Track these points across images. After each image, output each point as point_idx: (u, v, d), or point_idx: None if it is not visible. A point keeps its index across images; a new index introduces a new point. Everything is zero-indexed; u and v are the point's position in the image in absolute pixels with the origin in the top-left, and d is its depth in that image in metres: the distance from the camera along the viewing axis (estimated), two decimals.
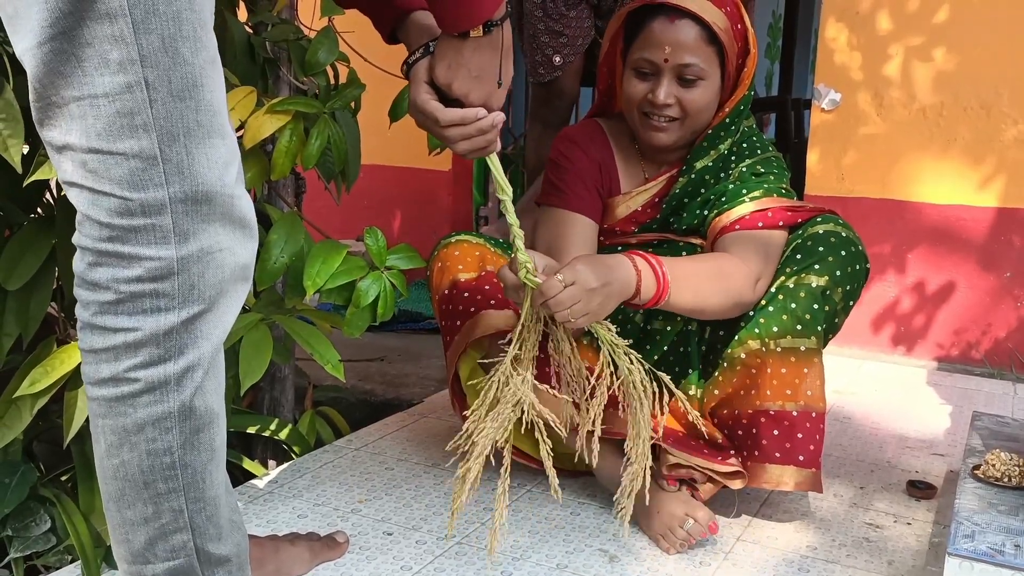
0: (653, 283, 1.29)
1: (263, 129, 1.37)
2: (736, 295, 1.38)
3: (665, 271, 1.30)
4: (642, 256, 1.31)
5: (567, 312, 1.19)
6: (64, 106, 0.81)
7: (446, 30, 1.03)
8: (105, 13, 0.78)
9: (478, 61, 1.04)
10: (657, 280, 1.30)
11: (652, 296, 1.30)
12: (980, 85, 2.42)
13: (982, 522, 1.23)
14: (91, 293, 0.86)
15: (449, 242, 1.54)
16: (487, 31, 1.02)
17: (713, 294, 1.36)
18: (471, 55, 1.03)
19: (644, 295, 1.29)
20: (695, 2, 1.40)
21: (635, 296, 1.28)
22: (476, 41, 1.02)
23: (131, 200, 0.82)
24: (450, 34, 1.03)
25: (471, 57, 1.03)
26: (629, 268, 1.28)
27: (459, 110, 1.07)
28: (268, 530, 1.39)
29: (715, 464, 1.40)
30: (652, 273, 1.30)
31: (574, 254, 1.46)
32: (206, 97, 0.84)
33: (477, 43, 1.03)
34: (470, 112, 1.07)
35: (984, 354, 2.50)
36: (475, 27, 1.01)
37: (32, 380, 1.25)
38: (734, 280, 1.37)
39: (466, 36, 1.02)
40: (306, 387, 2.04)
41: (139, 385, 0.87)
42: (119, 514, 0.91)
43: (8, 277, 1.29)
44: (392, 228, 3.51)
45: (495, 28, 1.02)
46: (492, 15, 1.01)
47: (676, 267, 1.33)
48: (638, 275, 1.28)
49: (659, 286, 1.30)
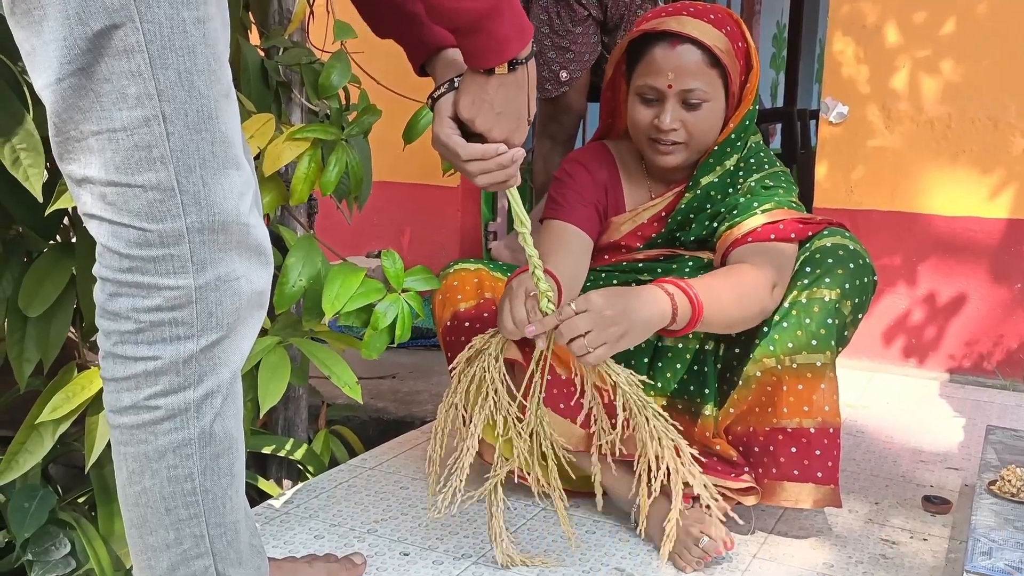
0: (688, 308, 1.27)
1: (282, 157, 1.38)
2: (759, 304, 1.38)
3: (697, 292, 1.28)
4: (672, 282, 1.29)
5: (582, 342, 1.18)
6: (83, 140, 0.82)
7: (472, 66, 1.05)
8: (123, 49, 0.79)
9: (502, 98, 1.05)
10: (692, 304, 1.28)
11: (689, 321, 1.28)
12: (988, 97, 2.42)
13: (999, 539, 1.23)
14: (112, 323, 0.87)
15: (448, 272, 1.55)
16: (512, 69, 1.03)
17: (740, 308, 1.36)
18: (495, 91, 1.05)
19: (681, 321, 1.27)
20: (696, 26, 1.41)
21: (672, 322, 1.26)
22: (501, 78, 1.04)
23: (150, 231, 0.84)
24: (476, 70, 1.04)
25: (495, 93, 1.05)
26: (659, 295, 1.26)
27: (480, 145, 1.09)
28: (286, 551, 1.40)
29: (727, 481, 1.40)
30: (686, 297, 1.28)
31: (559, 260, 1.46)
32: (221, 129, 0.86)
33: (502, 80, 1.04)
34: (491, 148, 1.08)
35: (996, 366, 2.50)
36: (500, 64, 1.02)
37: (54, 406, 1.26)
38: (755, 290, 1.37)
39: (491, 73, 1.03)
40: (320, 406, 2.05)
41: (160, 413, 0.88)
42: (141, 540, 0.93)
43: (29, 303, 1.31)
44: (402, 243, 3.53)
45: (520, 66, 1.04)
46: (518, 53, 1.03)
47: (703, 287, 1.31)
48: (672, 302, 1.26)
49: (695, 310, 1.28)
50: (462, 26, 0.99)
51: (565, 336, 1.18)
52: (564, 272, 1.47)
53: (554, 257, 1.48)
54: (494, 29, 0.99)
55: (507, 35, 1.00)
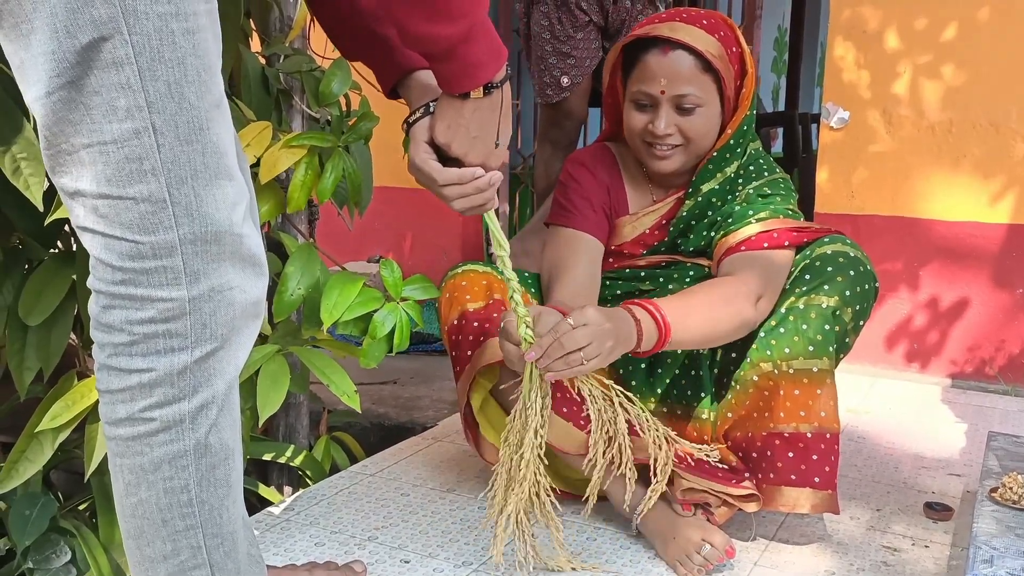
0: (654, 329, 1.28)
1: (279, 164, 1.39)
2: (739, 318, 1.37)
3: (664, 314, 1.28)
4: (639, 304, 1.29)
5: (579, 354, 1.18)
6: (74, 153, 0.82)
7: (447, 90, 1.04)
8: (112, 62, 0.79)
9: (477, 121, 1.05)
10: (658, 326, 1.28)
11: (655, 342, 1.28)
12: (989, 102, 2.42)
13: (1000, 546, 1.22)
14: (106, 335, 0.87)
15: (456, 273, 1.55)
16: (487, 92, 1.03)
17: (717, 322, 1.35)
18: (471, 116, 1.04)
19: (646, 344, 1.27)
20: (688, 32, 1.41)
21: (637, 344, 1.27)
22: (476, 102, 1.03)
23: (142, 243, 0.84)
24: (450, 94, 1.04)
25: (471, 118, 1.04)
26: (627, 319, 1.26)
27: (456, 170, 1.08)
28: (286, 559, 1.40)
29: (729, 487, 1.40)
30: (652, 320, 1.28)
31: (577, 272, 1.46)
32: (212, 139, 0.86)
33: (477, 104, 1.04)
34: (467, 172, 1.08)
35: (998, 371, 2.49)
36: (475, 88, 1.02)
37: (54, 415, 1.27)
38: (734, 303, 1.37)
39: (466, 97, 1.03)
40: (320, 412, 2.05)
41: (155, 424, 0.88)
42: (139, 551, 0.93)
43: (29, 312, 1.31)
44: (403, 249, 3.53)
45: (495, 90, 1.03)
46: (492, 77, 1.02)
47: (674, 306, 1.31)
48: (637, 324, 1.26)
49: (660, 332, 1.28)
50: (436, 52, 0.99)
51: (567, 348, 1.18)
52: (579, 280, 1.48)
53: (569, 266, 1.48)
54: (468, 54, 0.98)
55: (481, 60, 1.00)
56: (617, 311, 1.27)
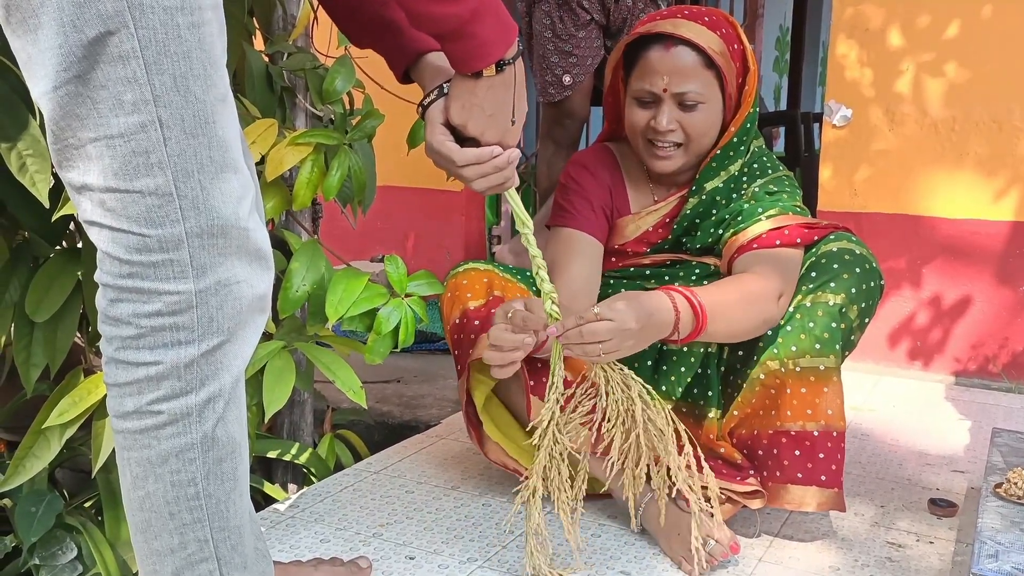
0: (691, 318, 1.28)
1: (285, 162, 1.39)
2: (764, 314, 1.38)
3: (702, 302, 1.29)
4: (679, 291, 1.29)
5: (598, 347, 1.17)
6: (81, 147, 0.83)
7: (459, 70, 1.04)
8: (118, 56, 0.80)
9: (492, 100, 1.05)
10: (695, 315, 1.28)
11: (691, 331, 1.29)
12: (992, 100, 2.42)
13: (1005, 541, 1.22)
14: (113, 328, 0.87)
15: (457, 272, 1.55)
16: (500, 70, 1.03)
17: (744, 318, 1.36)
18: (484, 94, 1.04)
19: (683, 331, 1.28)
20: (690, 28, 1.42)
21: (673, 333, 1.27)
22: (489, 80, 1.03)
23: (149, 236, 0.84)
24: (463, 74, 1.04)
25: (485, 96, 1.04)
26: (668, 306, 1.26)
27: (475, 149, 1.08)
28: (291, 555, 1.40)
29: (733, 484, 1.40)
30: (690, 308, 1.28)
31: (577, 272, 1.46)
32: (218, 133, 0.86)
33: (490, 82, 1.03)
34: (485, 151, 1.08)
35: (1002, 368, 2.49)
36: (488, 66, 1.02)
37: (60, 411, 1.27)
38: (760, 300, 1.37)
39: (479, 75, 1.03)
40: (325, 410, 2.05)
41: (162, 417, 0.88)
42: (146, 545, 0.93)
43: (36, 309, 1.31)
44: (406, 247, 3.54)
45: (507, 67, 1.03)
46: (504, 54, 1.02)
47: (708, 297, 1.31)
48: (676, 313, 1.26)
49: (697, 321, 1.29)
50: (446, 32, 0.99)
51: (585, 339, 1.17)
52: (578, 280, 1.48)
53: (567, 265, 1.48)
54: (478, 32, 0.99)
55: (491, 37, 1.00)
56: (655, 297, 1.27)
